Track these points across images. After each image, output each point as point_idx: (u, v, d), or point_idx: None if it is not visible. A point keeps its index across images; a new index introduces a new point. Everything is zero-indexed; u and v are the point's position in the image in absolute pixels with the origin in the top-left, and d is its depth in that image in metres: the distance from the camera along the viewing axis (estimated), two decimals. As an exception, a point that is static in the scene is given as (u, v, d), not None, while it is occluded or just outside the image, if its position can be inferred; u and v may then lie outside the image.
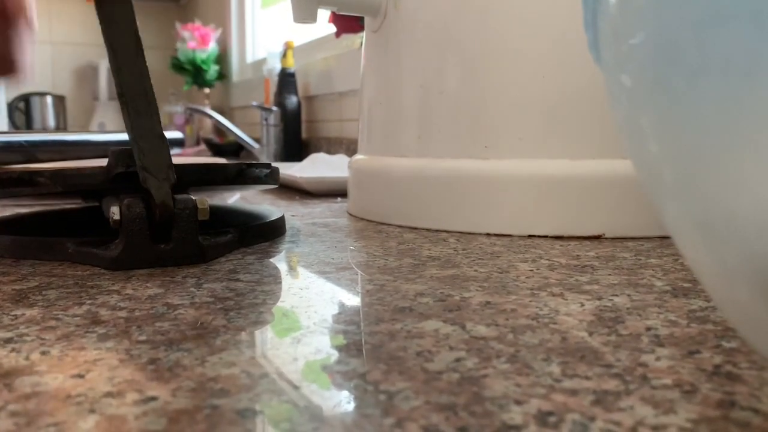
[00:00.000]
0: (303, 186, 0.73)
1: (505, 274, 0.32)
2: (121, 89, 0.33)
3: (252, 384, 0.19)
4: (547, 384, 0.18)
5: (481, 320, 0.25)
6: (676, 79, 0.13)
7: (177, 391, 0.18)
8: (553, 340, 0.22)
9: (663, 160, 0.14)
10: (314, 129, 1.45)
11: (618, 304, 0.27)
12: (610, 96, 0.16)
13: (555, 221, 0.44)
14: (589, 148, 0.44)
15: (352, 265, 0.35)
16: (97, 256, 0.34)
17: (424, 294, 0.29)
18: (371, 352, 0.21)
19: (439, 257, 0.37)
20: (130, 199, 0.34)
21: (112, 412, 0.17)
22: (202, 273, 0.33)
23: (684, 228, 0.14)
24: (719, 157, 0.12)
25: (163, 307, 0.27)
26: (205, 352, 0.21)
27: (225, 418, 0.16)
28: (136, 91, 0.34)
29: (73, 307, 0.27)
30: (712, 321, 0.24)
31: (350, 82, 1.22)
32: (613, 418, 0.16)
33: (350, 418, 0.16)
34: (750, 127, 0.11)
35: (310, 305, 0.27)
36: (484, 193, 0.45)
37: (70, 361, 0.21)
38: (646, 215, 0.43)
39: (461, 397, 0.18)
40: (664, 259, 0.36)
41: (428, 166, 0.48)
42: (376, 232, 0.46)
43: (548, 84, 0.44)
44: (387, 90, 0.53)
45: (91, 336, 0.23)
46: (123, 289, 0.30)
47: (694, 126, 0.12)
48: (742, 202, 0.12)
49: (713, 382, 0.18)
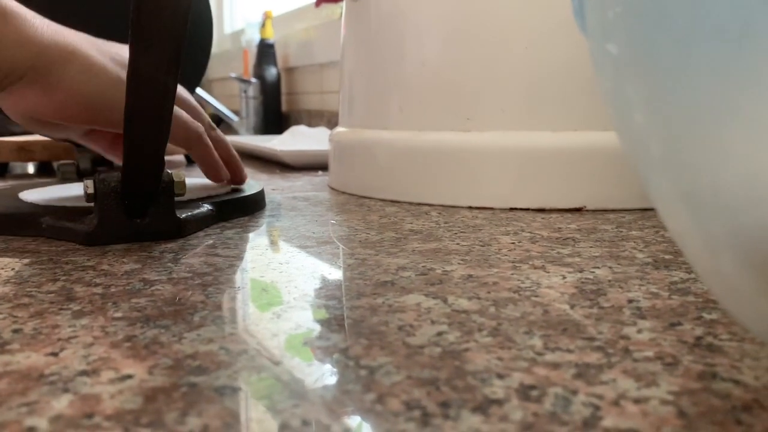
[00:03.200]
0: (283, 159, 0.72)
1: (486, 247, 0.32)
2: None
3: (231, 361, 0.18)
4: (529, 357, 0.18)
5: (462, 293, 0.24)
6: (664, 46, 0.12)
7: (153, 368, 0.18)
8: (535, 313, 0.22)
9: (649, 131, 0.14)
10: (294, 101, 1.43)
11: (599, 276, 0.27)
12: (595, 65, 0.16)
13: (536, 194, 0.44)
14: (571, 120, 0.44)
15: (333, 239, 0.35)
16: (72, 231, 0.34)
17: (405, 268, 0.28)
18: (352, 326, 0.21)
19: (421, 231, 0.37)
20: (104, 173, 0.33)
21: (87, 391, 0.16)
22: (179, 248, 0.32)
23: (669, 200, 0.14)
24: (708, 127, 0.12)
25: (139, 283, 0.26)
26: (183, 328, 0.21)
27: (203, 395, 0.16)
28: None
29: (47, 284, 0.26)
30: (694, 293, 0.24)
31: (331, 53, 1.20)
32: (596, 392, 0.16)
33: (331, 394, 0.16)
34: (741, 95, 0.11)
35: (291, 280, 0.27)
36: (466, 166, 0.45)
37: (44, 339, 0.20)
38: (628, 187, 0.43)
39: (443, 372, 0.17)
40: (646, 231, 0.36)
41: (410, 139, 0.47)
42: (358, 206, 0.46)
43: (531, 55, 0.44)
44: (368, 61, 0.52)
45: (66, 313, 0.23)
46: (98, 264, 0.29)
47: (682, 95, 0.12)
48: (729, 174, 0.12)
49: (694, 354, 0.18)
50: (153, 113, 0.31)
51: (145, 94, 0.30)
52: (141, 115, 0.30)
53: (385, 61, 0.50)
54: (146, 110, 0.30)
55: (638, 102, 0.14)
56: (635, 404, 0.15)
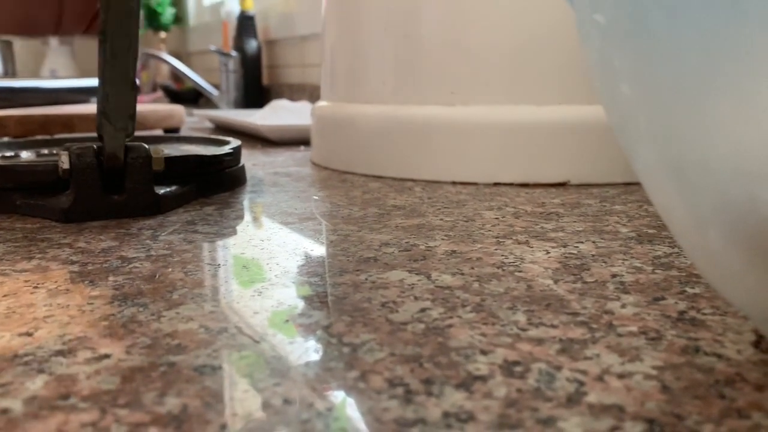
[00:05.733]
0: (264, 134, 0.71)
1: (470, 223, 0.32)
2: (104, 26, 0.31)
3: (211, 339, 0.18)
4: (512, 333, 0.18)
5: (446, 269, 0.24)
6: (654, 15, 0.12)
7: (131, 348, 0.17)
8: (519, 289, 0.22)
9: (637, 103, 0.13)
10: (275, 75, 1.41)
11: (583, 251, 0.27)
12: (581, 37, 0.16)
13: (520, 169, 0.43)
14: (556, 94, 0.43)
15: (315, 215, 0.34)
16: (47, 208, 0.33)
17: (389, 244, 0.28)
18: (335, 303, 0.21)
19: (405, 206, 0.36)
20: (80, 148, 0.32)
21: (62, 371, 0.16)
22: (158, 225, 0.32)
23: (656, 173, 0.14)
24: (696, 99, 0.12)
25: (117, 261, 0.26)
26: (162, 306, 0.21)
27: (182, 375, 0.16)
28: (120, 32, 0.31)
29: (21, 262, 0.26)
30: (677, 267, 0.24)
31: (312, 25, 1.19)
32: (580, 367, 0.16)
33: (313, 372, 0.16)
34: (730, 66, 0.11)
35: (272, 257, 0.26)
36: (449, 141, 0.44)
37: (18, 319, 0.19)
38: (612, 161, 0.43)
39: (426, 348, 0.17)
40: (629, 205, 0.36)
41: (393, 113, 0.47)
42: (341, 182, 0.45)
43: (515, 28, 0.43)
44: (350, 34, 0.51)
45: (41, 292, 0.22)
46: (75, 242, 0.29)
47: (671, 65, 0.12)
48: (717, 146, 0.12)
49: (678, 328, 0.18)
50: (123, 30, 0.31)
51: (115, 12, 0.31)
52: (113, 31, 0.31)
53: (367, 34, 0.49)
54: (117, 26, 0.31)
55: (625, 73, 0.13)
56: (619, 379, 0.15)
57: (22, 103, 0.83)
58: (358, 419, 0.14)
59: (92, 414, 0.14)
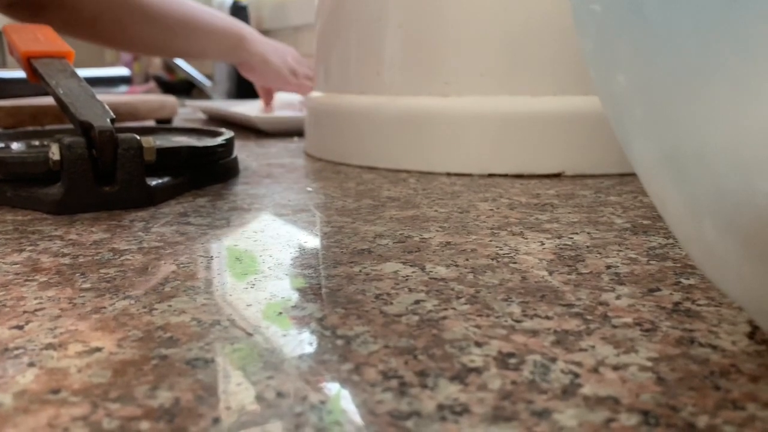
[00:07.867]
0: (258, 125, 0.71)
1: (465, 214, 0.32)
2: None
3: (203, 332, 0.18)
4: (507, 325, 0.18)
5: (440, 261, 0.24)
6: (650, 4, 0.12)
7: (123, 341, 0.17)
8: (514, 280, 0.22)
9: (633, 92, 0.13)
10: (269, 66, 1.40)
11: (578, 242, 0.27)
12: (577, 26, 0.15)
13: (515, 160, 0.43)
14: (551, 85, 0.43)
15: (309, 207, 0.34)
16: (38, 200, 0.33)
17: (383, 235, 0.28)
18: (329, 296, 0.21)
19: (399, 198, 0.36)
20: (71, 139, 0.32)
21: (53, 365, 0.16)
22: (150, 216, 0.32)
23: (652, 163, 0.14)
24: (693, 88, 0.12)
25: (108, 253, 0.25)
26: (154, 299, 0.20)
27: (174, 368, 0.16)
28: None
29: (11, 254, 0.25)
30: (672, 258, 0.24)
31: (306, 15, 1.18)
32: (574, 359, 0.16)
33: (307, 364, 0.16)
34: (728, 55, 0.11)
35: (266, 249, 0.26)
36: (444, 132, 0.44)
37: (8, 312, 0.19)
38: (606, 152, 0.43)
39: (420, 340, 0.17)
40: (624, 196, 0.36)
41: (387, 104, 0.47)
42: (335, 173, 0.45)
43: (510, 18, 0.43)
44: (343, 24, 0.51)
45: (31, 284, 0.22)
46: (66, 234, 0.28)
47: (667, 54, 0.12)
48: (714, 136, 0.12)
49: (673, 319, 0.18)
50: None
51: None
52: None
53: (361, 24, 0.49)
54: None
55: (622, 62, 0.13)
56: (614, 371, 0.15)
57: (13, 93, 0.82)
58: (352, 412, 0.14)
59: (83, 408, 0.14)
